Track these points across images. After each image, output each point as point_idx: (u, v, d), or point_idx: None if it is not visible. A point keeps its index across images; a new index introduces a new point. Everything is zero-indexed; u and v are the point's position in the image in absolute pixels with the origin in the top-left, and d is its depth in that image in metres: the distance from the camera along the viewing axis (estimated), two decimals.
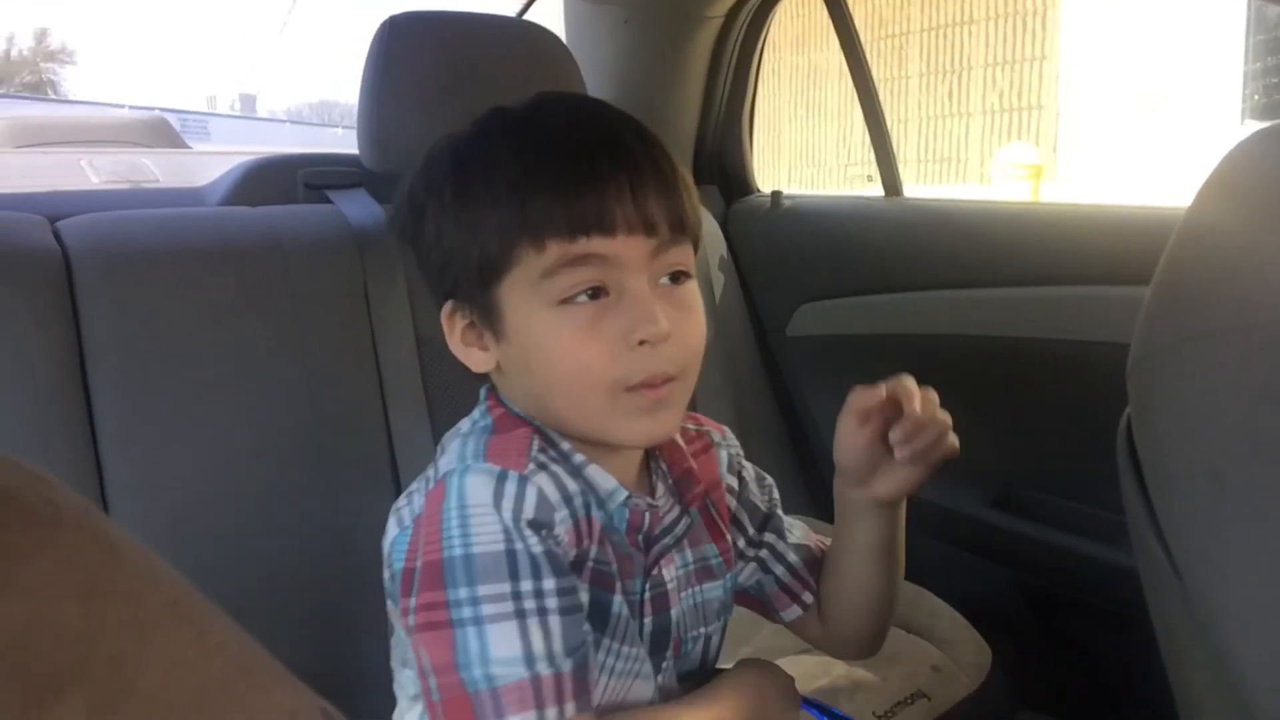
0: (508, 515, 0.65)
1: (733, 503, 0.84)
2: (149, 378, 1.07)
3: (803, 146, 10.68)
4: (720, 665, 0.85)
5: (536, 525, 0.65)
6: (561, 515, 0.67)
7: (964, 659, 1.10)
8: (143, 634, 0.25)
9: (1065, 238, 1.34)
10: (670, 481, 0.79)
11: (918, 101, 9.89)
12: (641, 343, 0.67)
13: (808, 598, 0.85)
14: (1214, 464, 0.43)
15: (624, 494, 0.72)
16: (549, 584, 0.65)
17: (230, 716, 0.25)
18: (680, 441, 0.80)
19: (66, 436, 1.02)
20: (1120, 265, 1.20)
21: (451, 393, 1.20)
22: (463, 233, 0.70)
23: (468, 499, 0.65)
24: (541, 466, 0.69)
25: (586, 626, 0.68)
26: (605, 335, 0.68)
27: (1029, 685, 1.19)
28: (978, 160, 9.28)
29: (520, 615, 0.64)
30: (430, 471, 0.72)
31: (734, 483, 0.85)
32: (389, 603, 0.72)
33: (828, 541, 0.86)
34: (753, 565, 0.85)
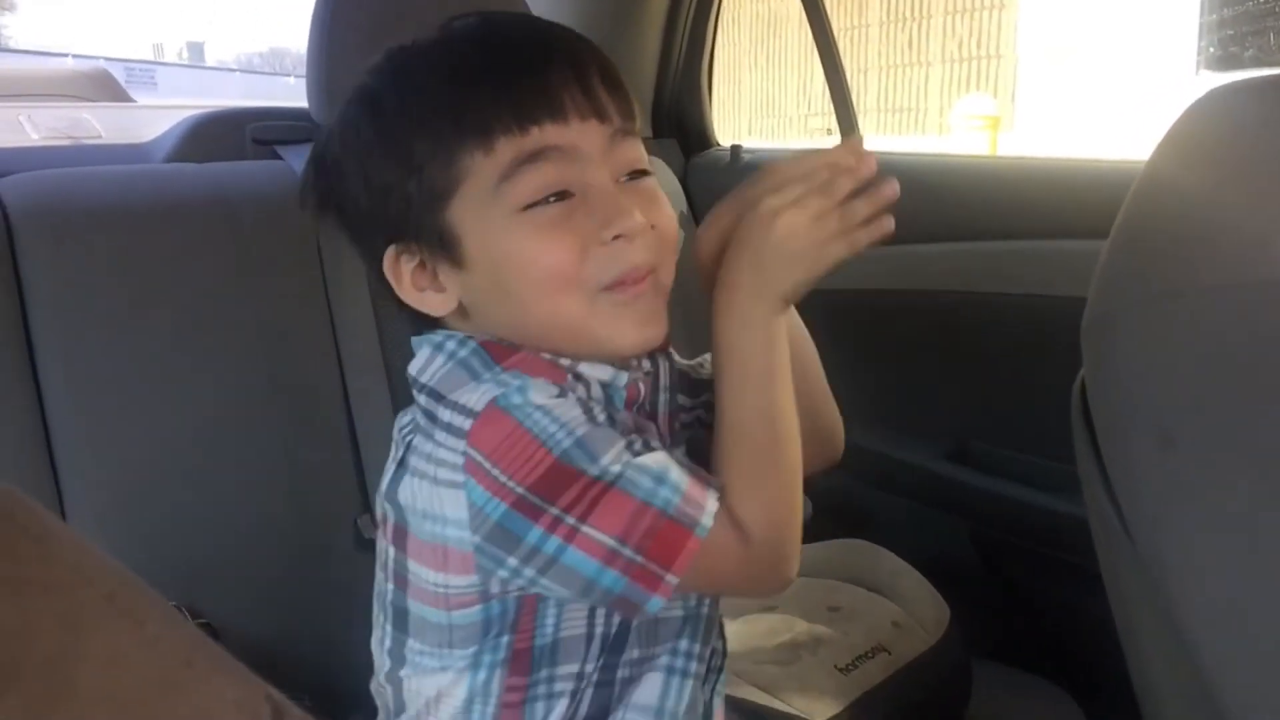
0: (579, 401, 0.64)
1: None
2: (96, 341, 1.04)
3: (763, 97, 10.62)
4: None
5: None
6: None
7: (923, 615, 1.12)
8: (79, 629, 0.24)
9: (1022, 191, 1.35)
10: None
11: (878, 50, 9.86)
12: (616, 238, 0.65)
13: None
14: (1166, 427, 0.43)
15: (624, 376, 0.69)
16: (635, 434, 0.65)
17: (172, 709, 0.25)
18: None
19: (11, 403, 1.00)
20: (1077, 219, 1.21)
21: (409, 350, 1.19)
22: (394, 166, 0.66)
23: (543, 400, 0.63)
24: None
25: None
26: (576, 233, 0.65)
27: (986, 636, 1.21)
28: (936, 111, 9.29)
29: (644, 450, 0.64)
30: (424, 425, 0.67)
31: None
32: (418, 592, 0.69)
33: None
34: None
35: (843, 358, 1.55)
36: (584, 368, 0.68)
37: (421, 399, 0.69)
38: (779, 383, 0.67)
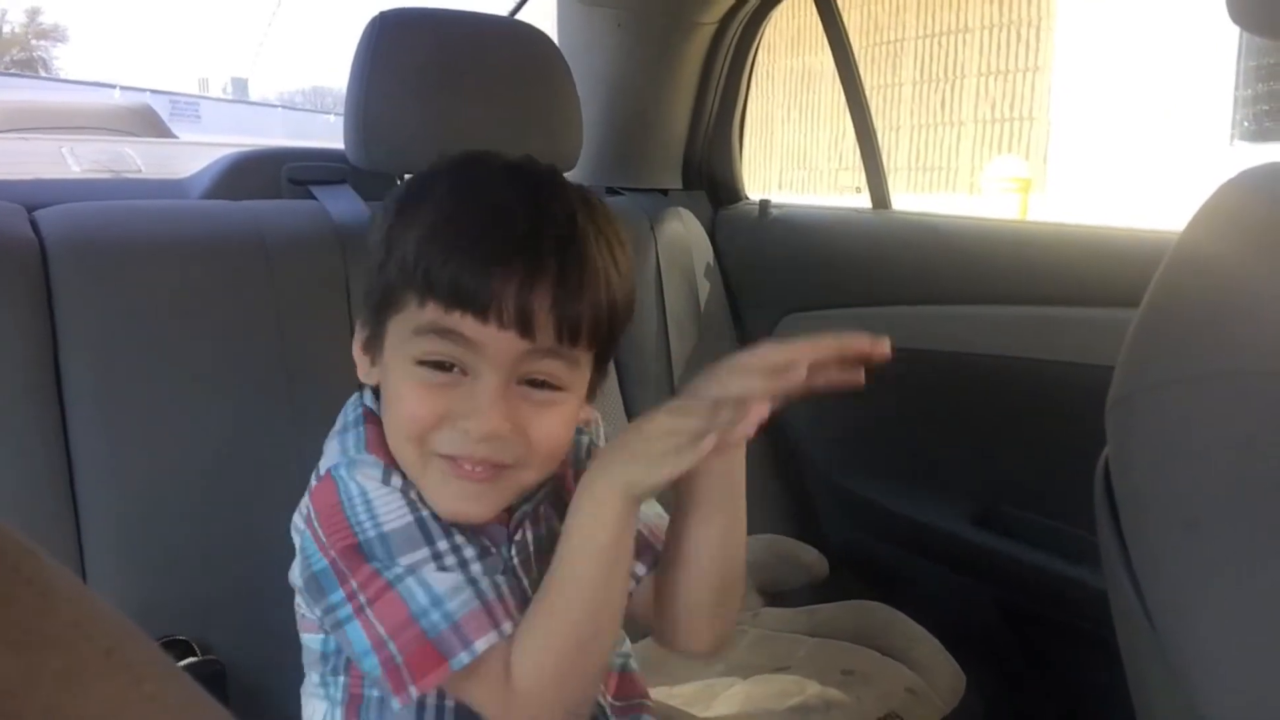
0: (403, 492, 0.71)
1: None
2: (124, 371, 1.05)
3: (794, 149, 10.69)
4: (687, 685, 0.84)
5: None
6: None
7: (938, 682, 1.10)
8: (78, 685, 0.24)
9: (1054, 257, 1.34)
10: None
11: (910, 109, 9.92)
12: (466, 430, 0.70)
13: (639, 569, 0.81)
14: (1193, 513, 0.42)
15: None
16: (459, 538, 0.71)
17: None
18: None
19: (38, 429, 1.00)
20: (1108, 287, 1.20)
21: None
22: (382, 258, 0.73)
23: (365, 486, 0.71)
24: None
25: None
26: (438, 405, 0.70)
27: (1003, 706, 1.19)
28: (968, 170, 9.31)
29: (449, 566, 0.70)
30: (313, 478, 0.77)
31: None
32: (302, 616, 0.78)
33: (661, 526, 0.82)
34: None
35: (869, 417, 1.55)
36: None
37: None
38: (600, 566, 0.70)
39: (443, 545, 0.70)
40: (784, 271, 1.64)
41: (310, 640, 0.78)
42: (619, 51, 1.66)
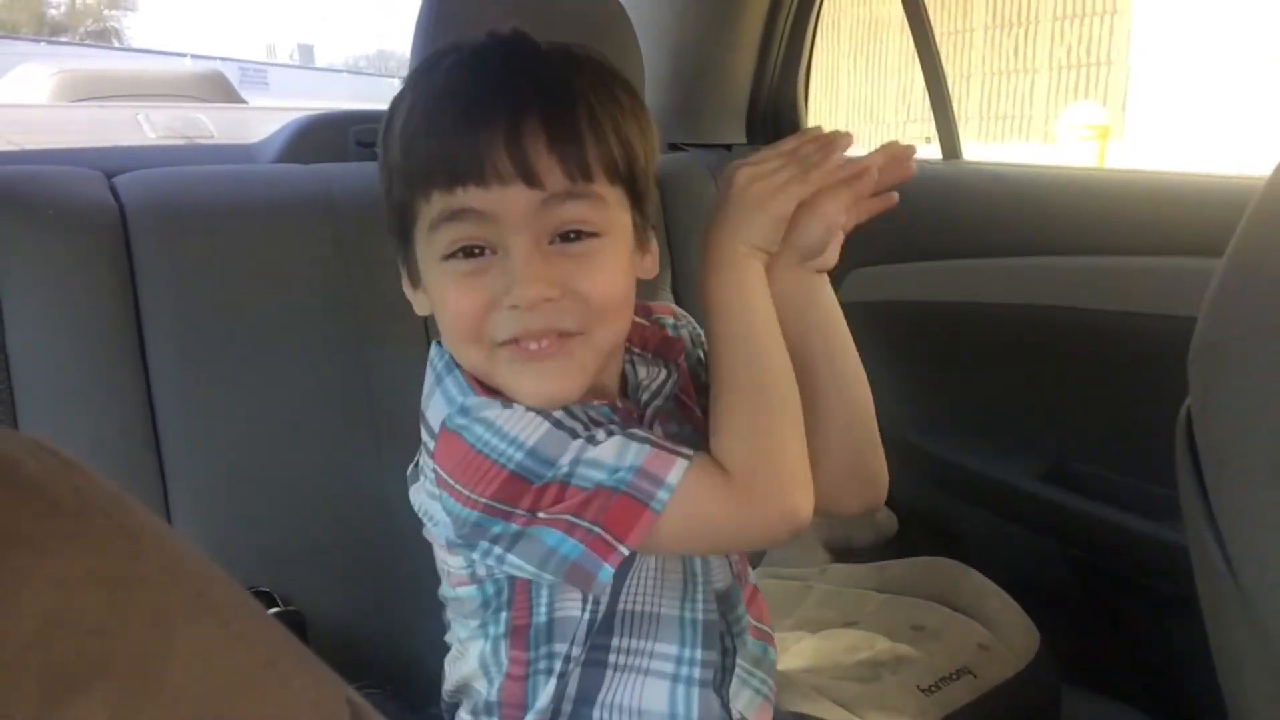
0: (526, 408, 0.68)
1: (702, 374, 0.83)
2: (203, 333, 1.08)
3: (861, 102, 10.47)
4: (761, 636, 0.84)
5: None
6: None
7: (1011, 638, 1.09)
8: (166, 626, 0.25)
9: (1130, 206, 1.30)
10: (649, 355, 0.81)
11: (981, 56, 9.64)
12: (514, 306, 0.67)
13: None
14: (1278, 464, 0.41)
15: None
16: (596, 416, 0.69)
17: (254, 710, 0.25)
18: (643, 321, 0.82)
19: (121, 392, 1.04)
20: (1187, 236, 1.16)
21: None
22: (384, 185, 0.73)
23: (487, 416, 0.68)
24: None
25: None
26: (478, 292, 0.68)
27: (1077, 662, 1.17)
28: (1042, 118, 9.04)
29: (601, 439, 0.67)
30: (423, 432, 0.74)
31: (701, 354, 0.85)
32: (449, 572, 0.77)
33: None
34: None
35: (938, 372, 1.52)
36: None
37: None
38: (757, 322, 0.71)
39: (590, 431, 0.67)
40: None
41: (466, 591, 0.76)
42: (682, 3, 1.64)
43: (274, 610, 1.01)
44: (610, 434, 0.67)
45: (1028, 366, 1.38)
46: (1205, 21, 7.32)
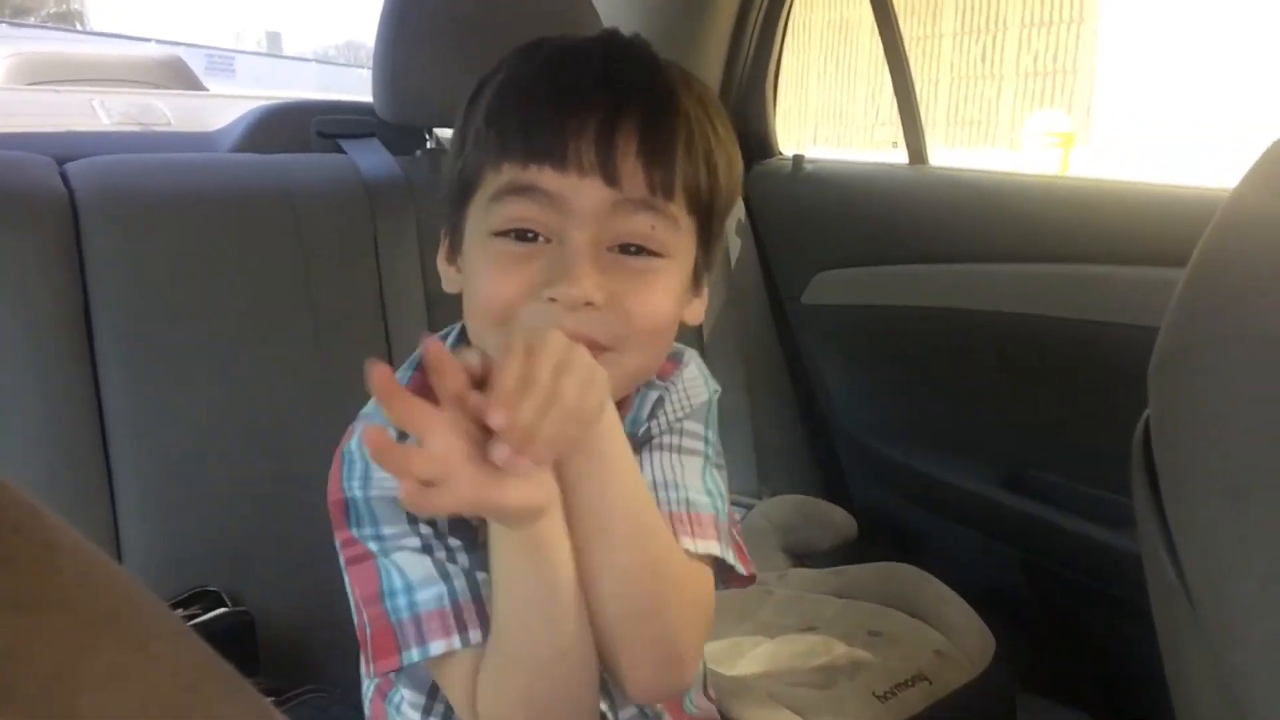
0: None
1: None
2: (153, 323, 1.06)
3: (830, 105, 10.52)
4: (714, 643, 0.83)
5: None
6: None
7: (967, 645, 1.09)
8: (80, 647, 0.23)
9: (1096, 214, 1.30)
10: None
11: (950, 62, 9.71)
12: (552, 300, 0.62)
13: None
14: (1236, 481, 0.41)
15: None
16: (444, 524, 0.65)
17: None
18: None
19: (68, 381, 1.01)
20: (1150, 246, 1.17)
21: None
22: (455, 151, 0.70)
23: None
24: None
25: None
26: (523, 278, 0.63)
27: (1032, 669, 1.18)
28: (1008, 124, 9.12)
29: (428, 550, 0.64)
30: None
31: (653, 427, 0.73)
32: None
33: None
34: None
35: (900, 377, 1.53)
36: None
37: None
38: (529, 582, 0.60)
39: (425, 529, 0.64)
40: (818, 228, 1.61)
41: None
42: (650, 1, 1.63)
43: (222, 610, 0.99)
44: (445, 551, 0.63)
45: (989, 372, 1.39)
46: (1171, 31, 7.43)
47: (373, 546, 0.64)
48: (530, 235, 0.63)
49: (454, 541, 0.65)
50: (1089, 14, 8.66)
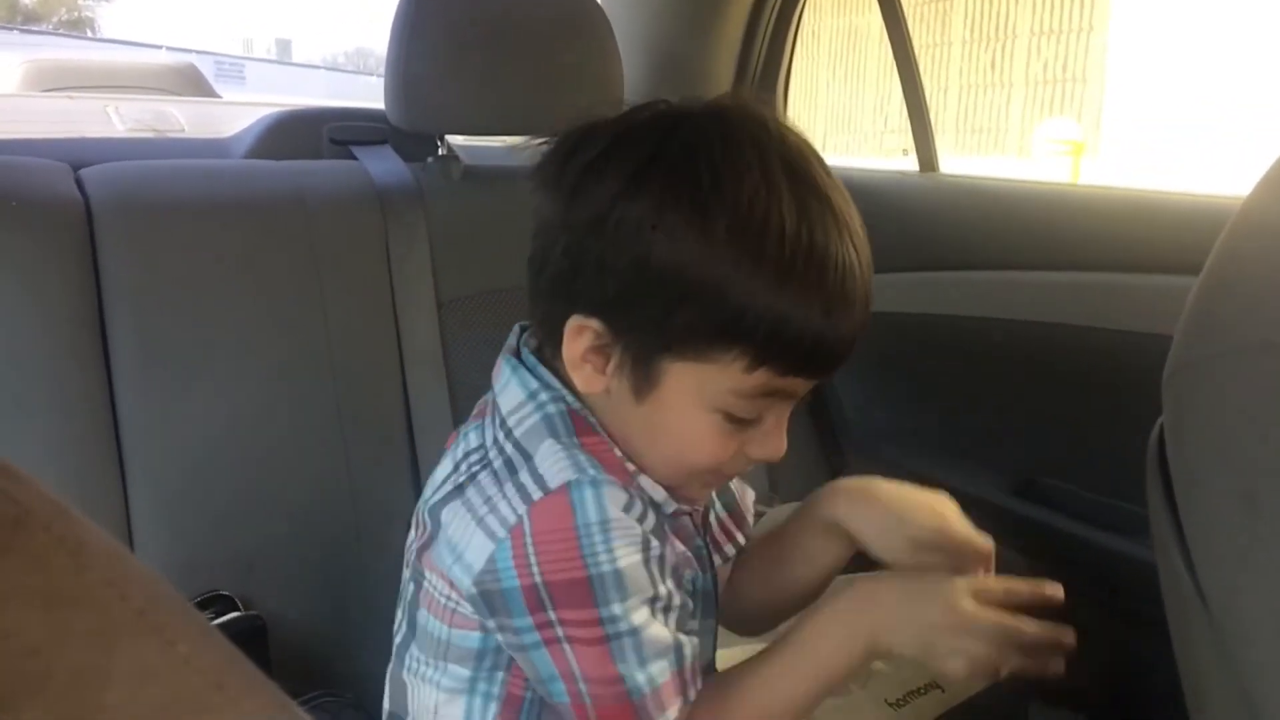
0: (640, 522, 0.66)
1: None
2: (167, 329, 1.06)
3: (840, 112, 10.53)
4: (722, 650, 0.84)
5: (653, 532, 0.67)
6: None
7: None
8: (108, 644, 0.24)
9: (1107, 222, 1.30)
10: None
11: (959, 69, 9.72)
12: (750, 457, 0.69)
13: (729, 549, 0.83)
14: (1250, 486, 0.41)
15: (672, 505, 0.71)
16: (672, 582, 0.68)
17: None
18: None
19: (83, 386, 1.02)
20: (1163, 254, 1.16)
21: (470, 357, 1.19)
22: (673, 288, 0.62)
23: (609, 513, 0.64)
24: None
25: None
26: (733, 445, 0.68)
27: (1046, 680, 1.17)
28: (1018, 132, 9.12)
29: (662, 615, 0.66)
30: (500, 469, 0.68)
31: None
32: (452, 610, 0.70)
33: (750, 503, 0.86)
34: None
35: (912, 385, 1.53)
36: (644, 480, 0.69)
37: (508, 447, 0.69)
38: (818, 691, 0.69)
39: (662, 589, 0.66)
40: None
41: (462, 637, 0.70)
42: (662, 9, 1.64)
43: (234, 615, 0.99)
44: (668, 612, 0.67)
45: (1000, 380, 1.39)
46: (1181, 40, 7.42)
47: (613, 626, 0.64)
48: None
49: (674, 598, 0.68)
50: (1099, 22, 8.65)
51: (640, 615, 0.65)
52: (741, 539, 0.84)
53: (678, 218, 0.61)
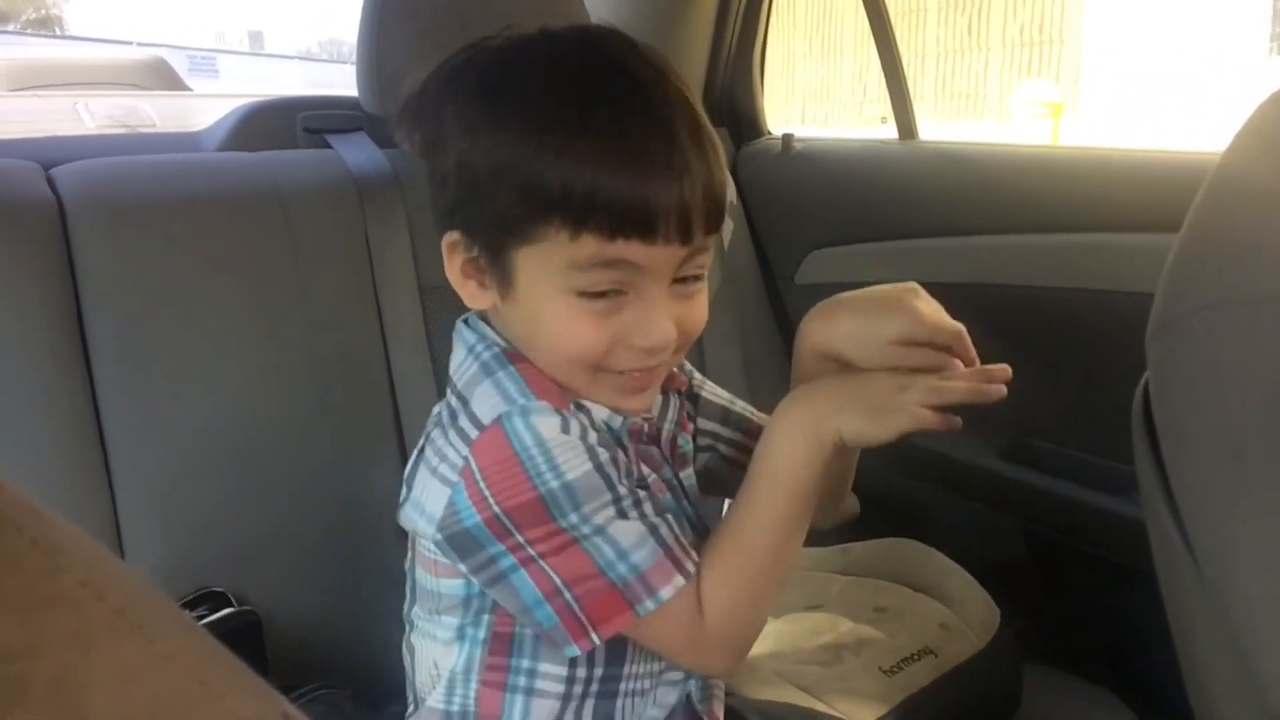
0: (582, 438, 0.67)
1: (694, 415, 0.86)
2: (147, 327, 1.05)
3: (817, 84, 10.49)
4: None
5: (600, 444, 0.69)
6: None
7: (972, 617, 1.09)
8: (88, 647, 0.23)
9: (1088, 182, 1.30)
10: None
11: (935, 35, 9.69)
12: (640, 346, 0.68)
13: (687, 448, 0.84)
14: (1235, 441, 0.41)
15: (619, 419, 0.73)
16: (631, 481, 0.70)
17: None
18: None
19: (64, 388, 1.01)
20: (1145, 212, 1.16)
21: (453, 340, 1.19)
22: (488, 178, 0.67)
23: (543, 434, 0.66)
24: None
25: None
26: (609, 331, 0.68)
27: (1038, 639, 1.18)
28: (996, 96, 9.11)
29: (630, 512, 0.68)
30: (445, 420, 0.72)
31: (699, 396, 0.87)
32: (435, 560, 0.73)
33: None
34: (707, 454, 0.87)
35: None
36: (587, 401, 0.72)
37: (451, 398, 0.74)
38: (795, 503, 0.71)
39: (622, 490, 0.68)
40: (809, 207, 1.61)
41: (448, 585, 0.74)
42: None
43: (228, 611, 0.99)
44: (638, 506, 0.69)
45: (986, 344, 1.39)
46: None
47: (578, 531, 0.66)
48: (619, 292, 0.67)
49: (641, 493, 0.70)
50: None
51: (602, 516, 0.67)
52: (693, 427, 0.84)
53: (478, 115, 0.67)
